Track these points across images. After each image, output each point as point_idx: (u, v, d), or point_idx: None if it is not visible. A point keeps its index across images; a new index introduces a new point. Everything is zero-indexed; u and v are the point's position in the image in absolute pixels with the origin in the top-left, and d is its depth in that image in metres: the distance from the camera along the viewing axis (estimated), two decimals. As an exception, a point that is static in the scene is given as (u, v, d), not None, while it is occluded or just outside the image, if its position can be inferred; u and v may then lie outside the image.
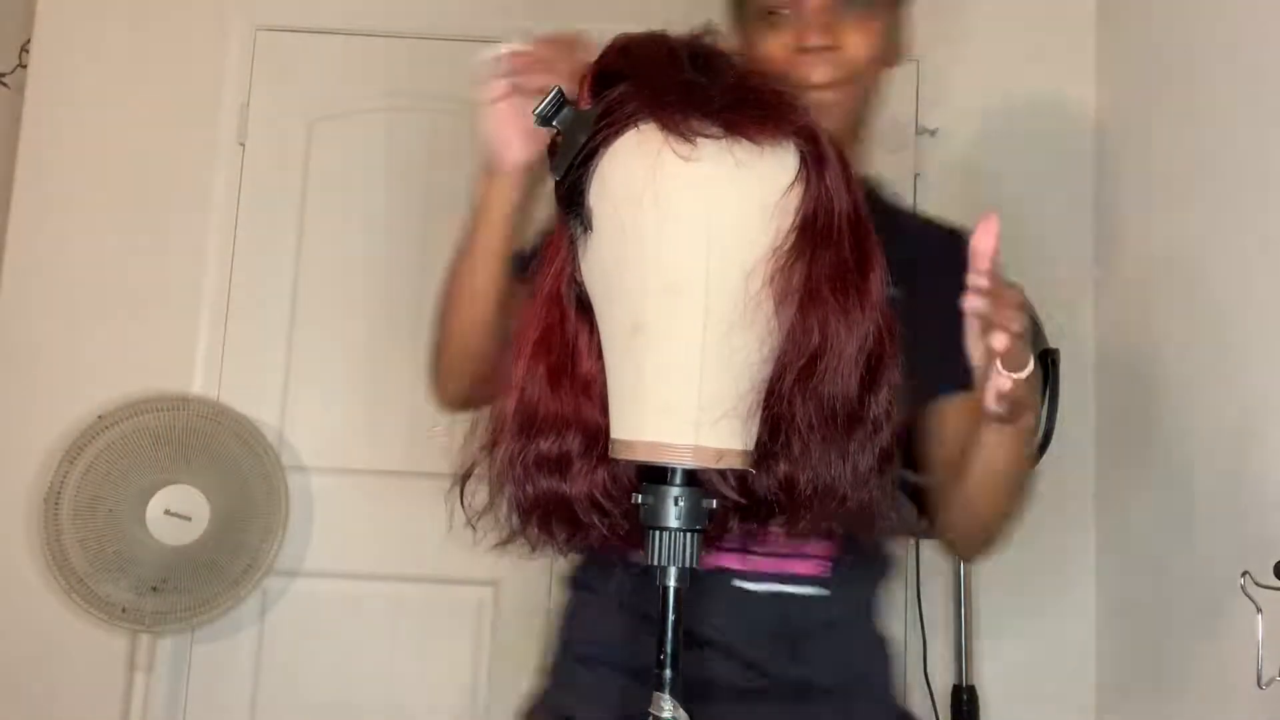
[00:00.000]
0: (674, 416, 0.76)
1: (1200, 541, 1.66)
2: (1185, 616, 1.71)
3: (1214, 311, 1.65)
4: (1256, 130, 1.56)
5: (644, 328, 0.77)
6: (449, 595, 2.21)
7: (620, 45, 0.80)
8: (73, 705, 2.13)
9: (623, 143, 0.76)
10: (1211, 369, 1.65)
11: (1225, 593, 1.46)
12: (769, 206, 0.76)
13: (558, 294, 0.84)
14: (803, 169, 0.77)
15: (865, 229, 0.81)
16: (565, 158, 0.79)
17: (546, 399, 0.84)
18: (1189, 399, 1.72)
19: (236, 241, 2.27)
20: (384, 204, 2.29)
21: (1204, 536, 1.64)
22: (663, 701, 0.79)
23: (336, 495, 2.23)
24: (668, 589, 0.79)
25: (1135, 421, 1.94)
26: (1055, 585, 2.10)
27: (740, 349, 0.77)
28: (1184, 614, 1.71)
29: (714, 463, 0.77)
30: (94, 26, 2.30)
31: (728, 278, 0.75)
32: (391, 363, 2.25)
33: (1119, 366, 2.02)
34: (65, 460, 1.98)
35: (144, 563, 1.99)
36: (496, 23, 2.33)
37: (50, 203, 2.25)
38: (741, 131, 0.74)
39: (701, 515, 0.79)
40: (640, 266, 0.76)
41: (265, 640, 2.19)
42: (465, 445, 0.88)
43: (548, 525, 0.89)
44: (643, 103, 0.76)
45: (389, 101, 2.32)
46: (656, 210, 0.75)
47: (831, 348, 0.79)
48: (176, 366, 2.22)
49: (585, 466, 0.86)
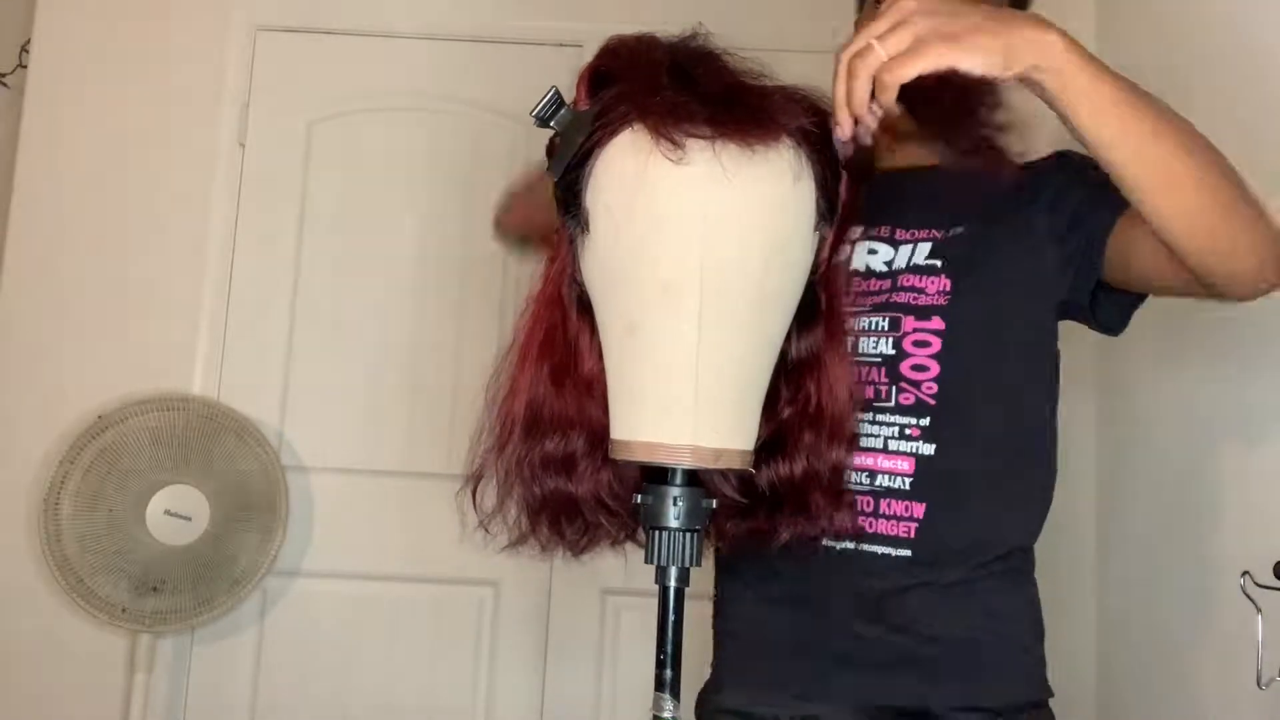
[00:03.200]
0: (671, 416, 0.77)
1: (1200, 542, 1.66)
2: (1185, 617, 1.71)
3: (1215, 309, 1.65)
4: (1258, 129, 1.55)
5: (640, 327, 0.77)
6: (449, 595, 2.21)
7: (613, 47, 0.81)
8: (73, 705, 2.13)
9: (616, 143, 0.76)
10: (1212, 368, 1.65)
11: (1225, 593, 1.46)
12: (765, 206, 0.76)
13: (559, 295, 0.84)
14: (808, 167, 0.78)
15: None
16: (562, 159, 0.79)
17: (551, 400, 0.85)
18: (1189, 399, 1.72)
19: (236, 241, 2.27)
20: (384, 204, 2.29)
21: (1204, 536, 1.64)
22: (663, 701, 0.79)
23: (336, 495, 2.23)
24: (667, 590, 0.79)
25: (1135, 421, 1.94)
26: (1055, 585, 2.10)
27: (737, 349, 0.77)
28: (1184, 614, 1.71)
29: (712, 463, 0.77)
30: (94, 26, 2.29)
31: (723, 277, 0.75)
32: (392, 363, 2.25)
33: (1119, 366, 2.02)
34: (65, 460, 1.98)
35: (144, 563, 1.99)
36: (496, 23, 2.33)
37: (50, 203, 2.25)
38: (729, 134, 0.74)
39: (702, 515, 0.79)
40: (635, 266, 0.77)
41: (265, 640, 2.19)
42: (473, 448, 0.89)
43: (557, 525, 0.89)
44: (632, 105, 0.76)
45: (389, 101, 2.32)
46: (650, 210, 0.75)
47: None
48: (176, 366, 2.22)
49: (590, 467, 0.86)
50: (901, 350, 1.06)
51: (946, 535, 1.05)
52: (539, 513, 0.88)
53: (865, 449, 1.05)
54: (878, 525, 1.04)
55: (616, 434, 0.80)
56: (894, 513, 1.04)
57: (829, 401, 0.87)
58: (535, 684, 2.20)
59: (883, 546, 1.04)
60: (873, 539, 1.04)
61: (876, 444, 1.05)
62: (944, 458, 1.04)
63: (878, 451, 1.05)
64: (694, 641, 0.86)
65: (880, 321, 1.07)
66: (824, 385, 0.87)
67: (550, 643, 2.21)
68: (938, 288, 1.06)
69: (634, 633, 2.20)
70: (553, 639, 2.21)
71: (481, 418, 0.89)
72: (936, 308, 1.05)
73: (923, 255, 1.08)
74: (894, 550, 1.04)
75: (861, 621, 1.05)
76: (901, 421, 1.05)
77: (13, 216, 2.24)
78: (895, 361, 1.05)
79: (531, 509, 0.88)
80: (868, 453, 1.05)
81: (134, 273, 2.24)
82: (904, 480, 1.04)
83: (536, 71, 2.24)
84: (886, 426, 1.06)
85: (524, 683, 2.20)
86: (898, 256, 1.08)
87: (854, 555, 1.05)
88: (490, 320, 2.25)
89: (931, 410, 1.05)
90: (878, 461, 1.05)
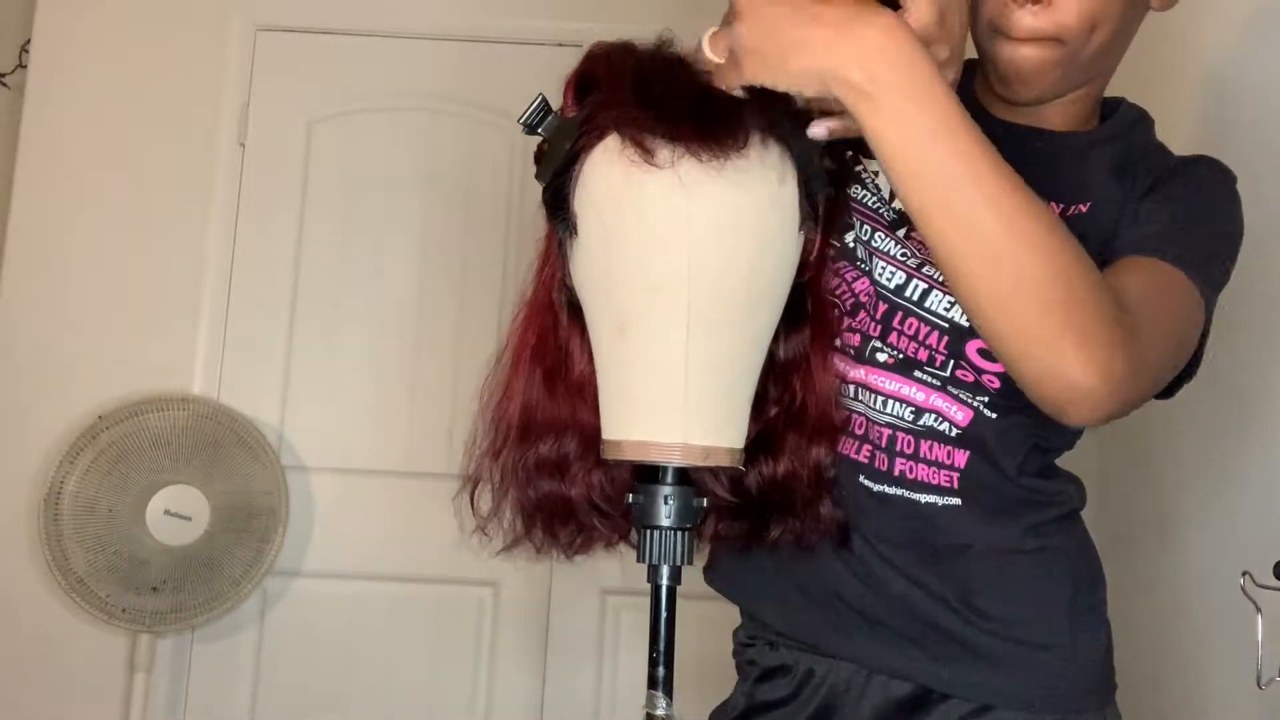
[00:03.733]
0: (661, 415, 0.77)
1: (1200, 541, 1.65)
2: (1185, 616, 1.70)
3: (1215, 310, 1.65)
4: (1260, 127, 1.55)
5: (629, 328, 0.78)
6: (449, 595, 2.21)
7: (597, 53, 0.81)
8: (73, 705, 2.13)
9: (602, 148, 0.77)
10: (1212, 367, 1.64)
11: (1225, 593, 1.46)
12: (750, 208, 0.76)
13: (549, 299, 0.85)
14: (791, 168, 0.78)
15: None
16: (550, 164, 0.80)
17: (544, 403, 0.86)
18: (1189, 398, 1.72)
19: (236, 241, 2.27)
20: (384, 204, 2.29)
21: (1204, 536, 1.64)
22: (656, 699, 0.80)
23: (336, 495, 2.23)
24: (660, 588, 0.80)
25: (1135, 421, 1.93)
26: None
27: (726, 347, 0.78)
28: (1184, 614, 1.71)
29: (701, 460, 0.78)
30: (94, 26, 2.30)
31: (710, 277, 0.76)
32: (392, 362, 2.26)
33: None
34: (65, 460, 1.99)
35: (144, 563, 1.99)
36: (496, 23, 2.33)
37: (50, 203, 2.25)
38: (702, 141, 0.74)
39: (693, 514, 0.80)
40: (623, 267, 0.77)
41: (265, 640, 2.19)
42: (468, 452, 0.90)
43: (551, 528, 0.90)
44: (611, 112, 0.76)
45: (389, 101, 2.32)
46: (636, 213, 0.76)
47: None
48: (176, 366, 2.22)
49: (583, 469, 0.87)
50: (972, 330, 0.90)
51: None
52: (533, 516, 0.89)
53: (916, 380, 0.92)
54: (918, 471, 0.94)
55: (608, 434, 0.81)
56: (935, 458, 0.93)
57: (813, 402, 0.87)
58: (535, 684, 2.20)
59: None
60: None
61: (933, 382, 0.92)
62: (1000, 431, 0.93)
63: (932, 388, 0.92)
64: (686, 639, 0.86)
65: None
66: (810, 386, 0.87)
67: (550, 643, 2.21)
68: None
69: (633, 632, 2.20)
70: (552, 639, 2.21)
71: (475, 422, 0.89)
72: None
73: None
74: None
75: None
76: (955, 391, 0.93)
77: (13, 216, 2.25)
78: (964, 336, 0.90)
79: (526, 512, 0.89)
80: (918, 385, 0.92)
81: (134, 273, 2.24)
82: (952, 428, 0.93)
83: (536, 71, 2.23)
84: (936, 379, 0.93)
85: (524, 683, 2.20)
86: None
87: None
88: (490, 320, 2.25)
89: (993, 393, 0.92)
90: (930, 399, 0.92)
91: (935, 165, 0.69)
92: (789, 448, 0.87)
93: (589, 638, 2.22)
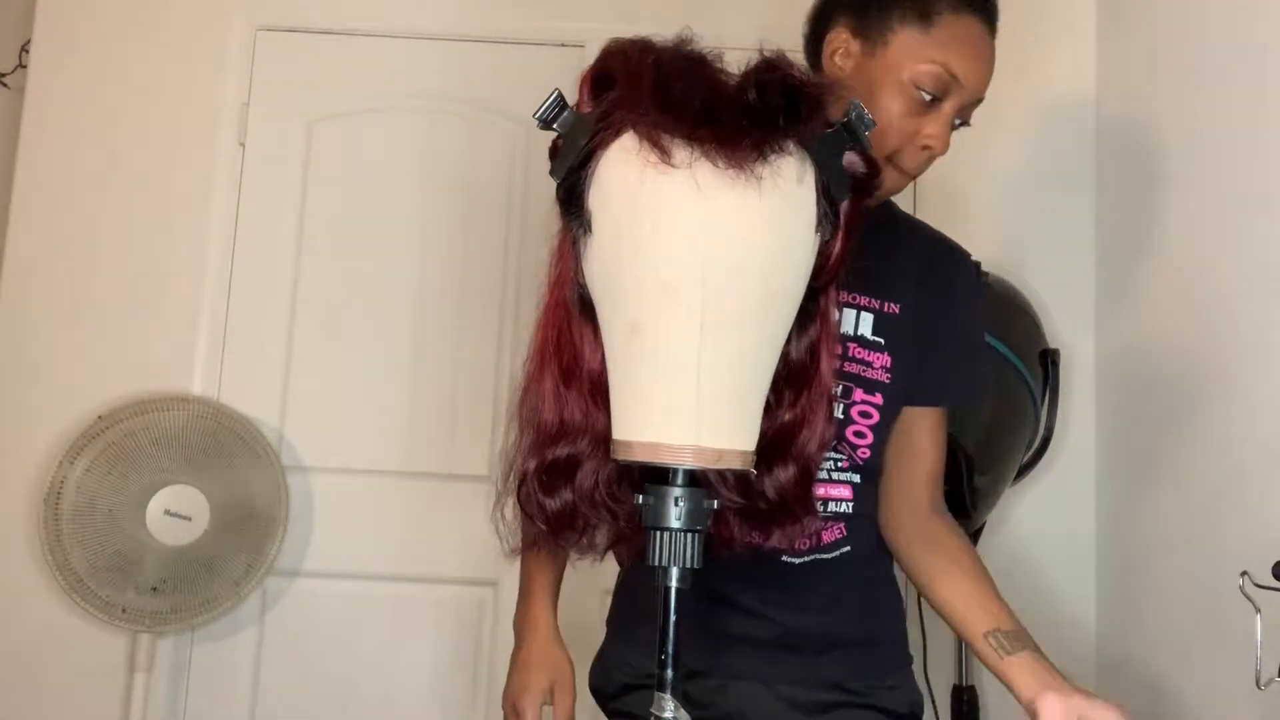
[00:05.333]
0: (673, 417, 0.77)
1: (1200, 541, 1.66)
2: (1185, 616, 1.71)
3: (1215, 310, 1.65)
4: (1259, 129, 1.55)
5: (642, 328, 0.77)
6: (449, 595, 2.21)
7: (612, 50, 0.81)
8: (73, 705, 2.13)
9: (618, 146, 0.76)
10: (1212, 368, 1.65)
11: (1225, 593, 1.46)
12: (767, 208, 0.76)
13: (564, 299, 0.85)
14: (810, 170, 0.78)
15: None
16: (564, 161, 0.79)
17: (562, 405, 0.86)
18: (1189, 399, 1.72)
19: (236, 241, 2.27)
20: (384, 204, 2.29)
21: (1204, 536, 1.65)
22: (664, 701, 0.80)
23: (336, 495, 2.23)
24: (668, 590, 0.80)
25: (1135, 422, 1.94)
26: (1054, 585, 2.10)
27: (739, 349, 0.78)
28: (1184, 614, 1.71)
29: (714, 463, 0.78)
30: (94, 26, 2.29)
31: (724, 277, 0.75)
32: (391, 362, 2.25)
33: (1119, 366, 2.03)
34: (65, 460, 1.98)
35: (144, 563, 1.99)
36: (496, 23, 2.33)
37: (50, 203, 2.25)
38: (720, 143, 0.74)
39: (703, 516, 0.80)
40: (636, 267, 0.77)
41: (265, 640, 2.19)
42: (500, 459, 0.90)
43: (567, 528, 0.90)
44: (628, 111, 0.76)
45: (389, 101, 2.32)
46: (650, 212, 0.75)
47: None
48: (176, 366, 2.22)
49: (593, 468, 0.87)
50: (849, 417, 1.14)
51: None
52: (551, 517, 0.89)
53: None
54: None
55: (619, 434, 0.80)
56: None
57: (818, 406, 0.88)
58: (535, 684, 2.19)
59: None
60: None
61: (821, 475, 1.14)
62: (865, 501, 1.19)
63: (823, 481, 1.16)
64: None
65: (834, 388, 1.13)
66: (815, 389, 0.87)
67: (550, 643, 2.20)
68: (881, 364, 1.14)
69: (634, 633, 2.20)
70: (553, 639, 2.20)
71: (507, 428, 0.90)
72: (879, 384, 1.14)
73: (867, 327, 1.14)
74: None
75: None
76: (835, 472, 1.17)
77: (13, 216, 2.24)
78: (842, 426, 1.14)
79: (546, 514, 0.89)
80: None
81: (134, 273, 2.24)
82: (846, 505, 1.17)
83: (537, 71, 2.24)
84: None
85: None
86: (842, 321, 1.13)
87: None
88: (490, 320, 2.25)
89: (861, 469, 1.17)
90: (826, 490, 1.16)
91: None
92: (796, 452, 0.87)
93: (590, 638, 2.21)
